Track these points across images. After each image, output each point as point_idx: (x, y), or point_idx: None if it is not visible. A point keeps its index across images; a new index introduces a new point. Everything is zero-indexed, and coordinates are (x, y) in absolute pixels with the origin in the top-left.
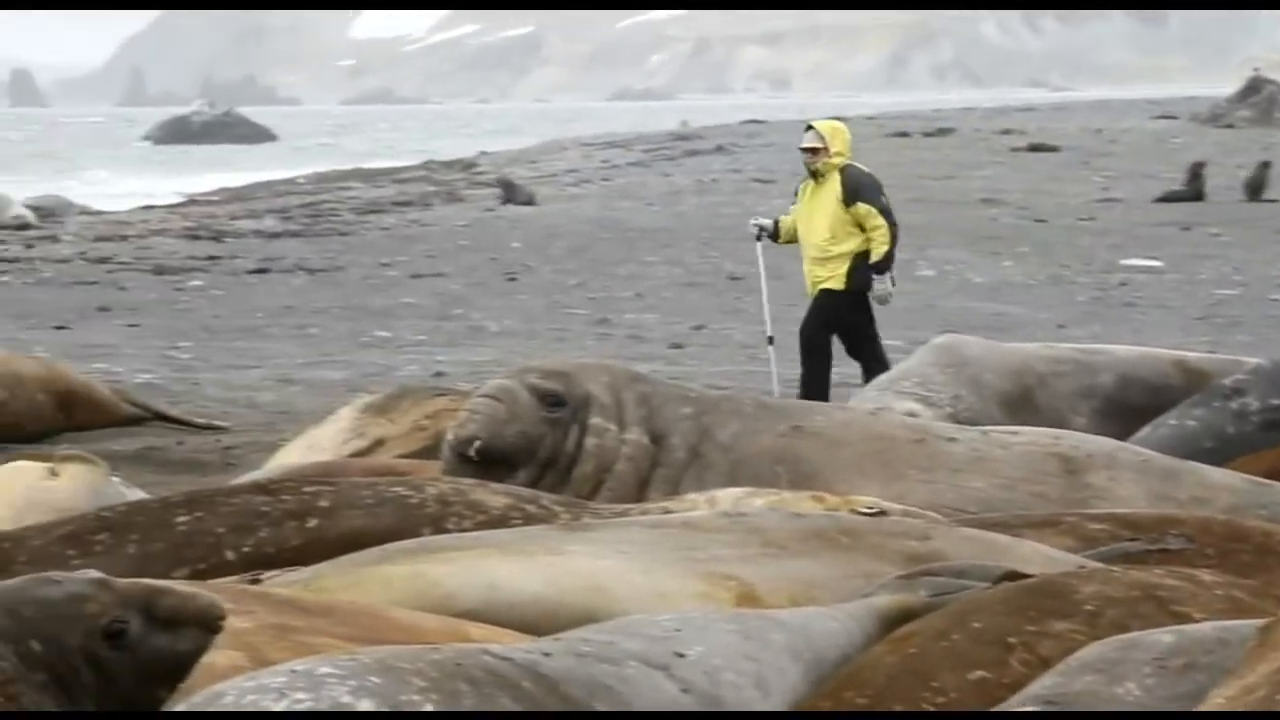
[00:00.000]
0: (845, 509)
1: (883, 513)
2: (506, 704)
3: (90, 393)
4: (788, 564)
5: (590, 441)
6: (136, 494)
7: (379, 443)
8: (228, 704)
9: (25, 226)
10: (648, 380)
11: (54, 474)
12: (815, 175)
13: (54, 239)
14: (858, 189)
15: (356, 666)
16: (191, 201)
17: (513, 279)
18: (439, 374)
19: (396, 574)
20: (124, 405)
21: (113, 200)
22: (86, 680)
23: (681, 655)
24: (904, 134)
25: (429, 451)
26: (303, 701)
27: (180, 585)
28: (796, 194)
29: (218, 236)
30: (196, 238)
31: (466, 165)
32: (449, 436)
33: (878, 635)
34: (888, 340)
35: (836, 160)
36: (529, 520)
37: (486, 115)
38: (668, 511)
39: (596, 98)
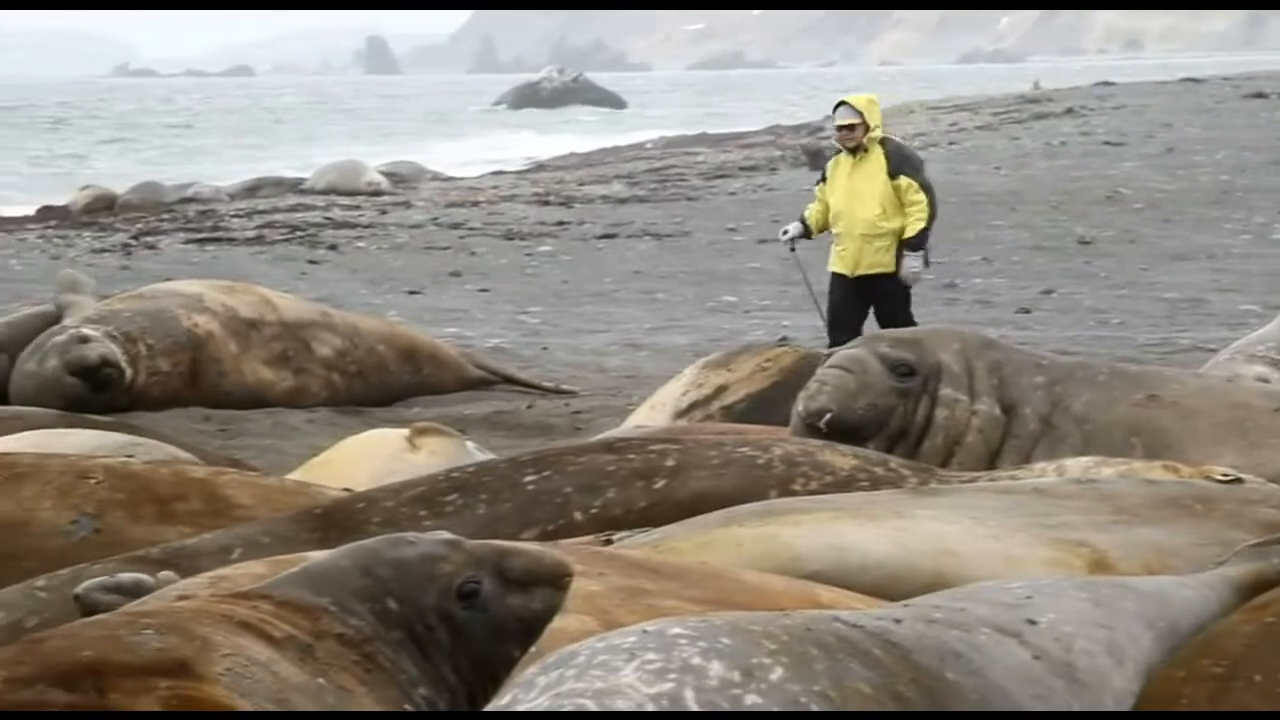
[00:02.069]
0: (1199, 478)
1: (1238, 480)
2: (856, 670)
3: (434, 350)
4: (1140, 531)
5: (940, 413)
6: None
7: (720, 390)
8: (580, 663)
9: (379, 193)
10: (999, 347)
11: (413, 446)
12: (854, 151)
13: (407, 205)
14: (902, 162)
15: (707, 628)
16: (540, 167)
17: None
18: (784, 339)
19: (746, 535)
20: (471, 367)
21: (464, 166)
22: (441, 639)
23: (1033, 622)
24: (1261, 95)
25: (774, 389)
26: (653, 662)
27: (530, 545)
28: (823, 178)
29: (567, 202)
30: (546, 203)
31: (814, 130)
32: (798, 408)
33: (1233, 604)
34: (1245, 305)
35: (876, 133)
36: (875, 483)
37: (833, 79)
38: (1016, 479)
39: (945, 61)
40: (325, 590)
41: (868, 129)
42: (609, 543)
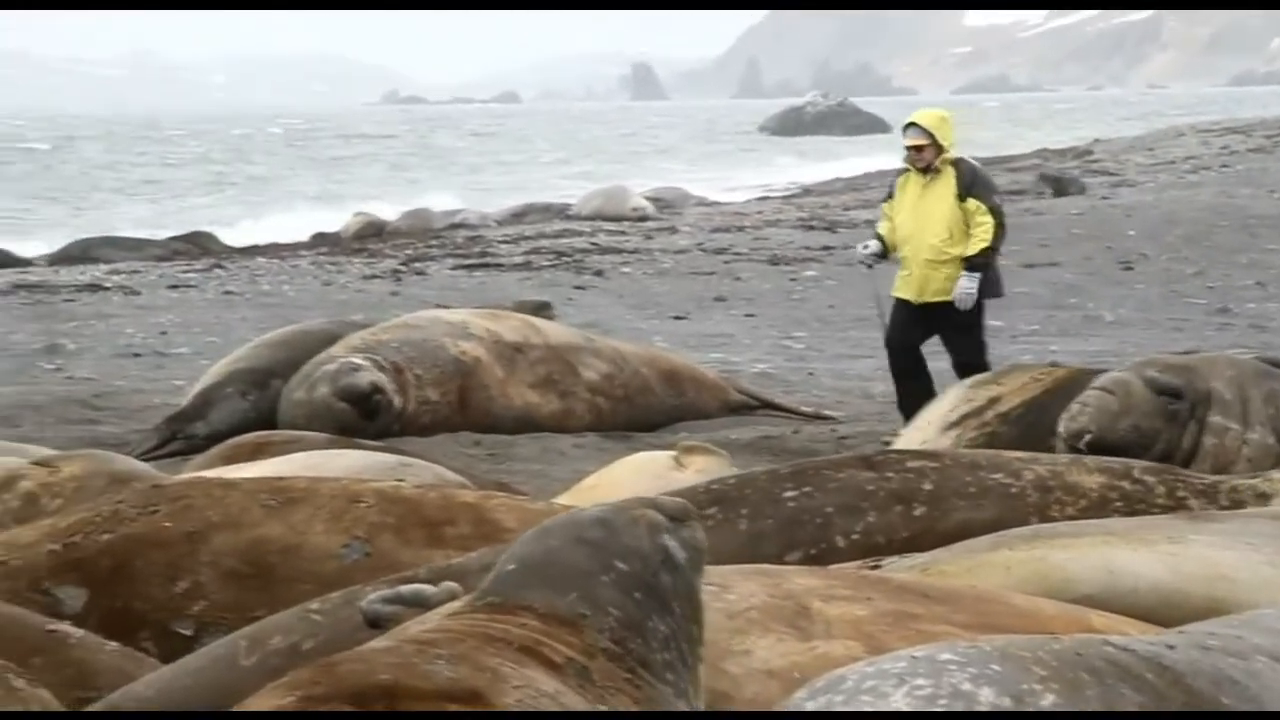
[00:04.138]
0: None
1: None
2: (1129, 695)
3: (694, 373)
4: None
5: (1208, 440)
6: None
7: (993, 400)
8: (848, 689)
9: (644, 218)
10: (1278, 377)
11: (680, 464)
12: (925, 172)
13: (672, 230)
14: (973, 183)
15: (977, 654)
16: (805, 192)
17: (1128, 268)
18: (1053, 364)
19: (1015, 559)
20: (732, 390)
21: (729, 191)
22: (667, 583)
23: None
24: None
25: (1048, 395)
26: (923, 688)
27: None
28: (890, 195)
29: (832, 226)
30: (811, 228)
31: (1080, 153)
32: (1060, 429)
33: None
34: None
35: (950, 154)
36: (1126, 499)
37: (1101, 102)
38: (1263, 494)
39: (1216, 83)
40: (564, 584)
41: (939, 149)
42: (876, 567)
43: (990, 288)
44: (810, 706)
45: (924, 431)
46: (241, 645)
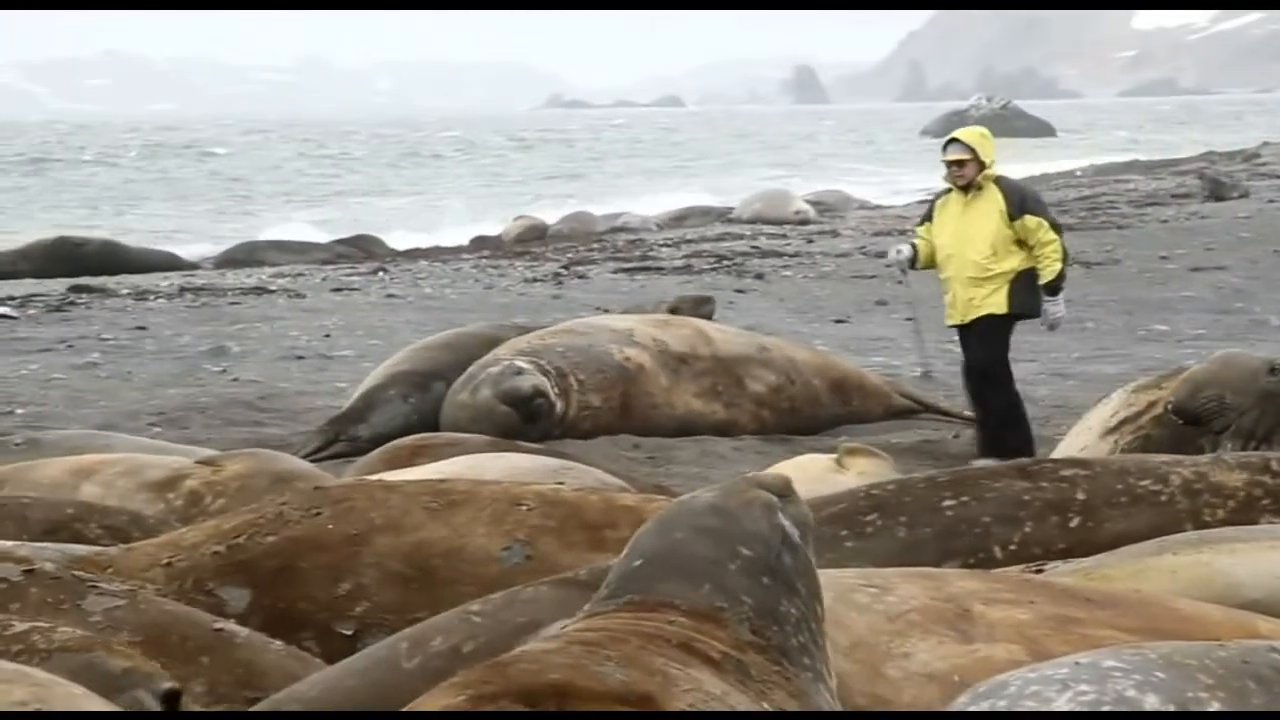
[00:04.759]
0: None
1: None
2: None
3: (862, 381)
4: None
5: None
6: None
7: (1152, 405)
8: (1011, 694)
9: (805, 222)
10: None
11: (841, 466)
12: (966, 190)
13: (834, 234)
14: (1024, 200)
15: (1142, 661)
16: None
17: None
18: None
19: (1181, 563)
20: (896, 396)
21: (891, 195)
22: (789, 563)
23: None
24: None
25: None
26: (1086, 694)
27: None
28: (930, 214)
29: None
30: None
31: (1249, 156)
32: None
33: None
34: None
35: (992, 171)
36: (1272, 495)
37: (1270, 106)
38: None
39: None
40: (697, 576)
41: (981, 166)
42: (1039, 571)
43: (1033, 305)
44: (973, 710)
45: (1084, 436)
46: (403, 647)
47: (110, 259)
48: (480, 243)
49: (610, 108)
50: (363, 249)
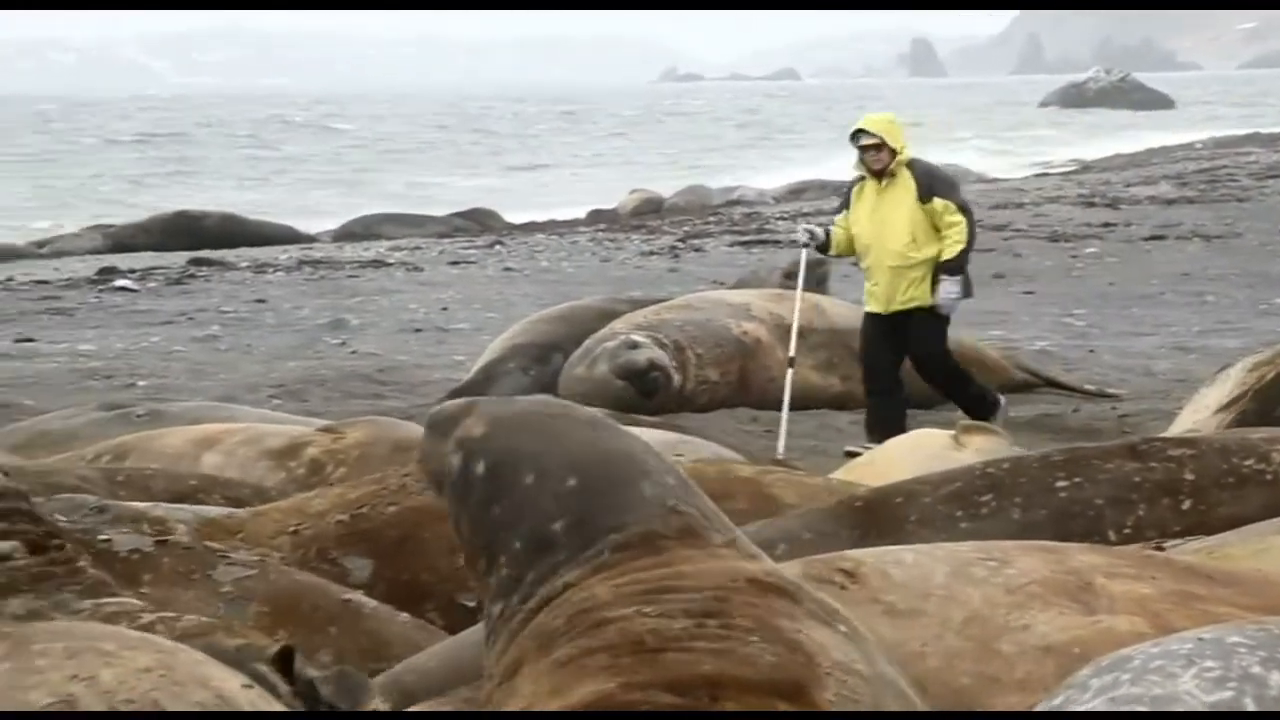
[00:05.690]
0: None
1: None
2: None
3: (980, 355)
4: None
5: None
6: None
7: (1260, 379)
8: (1134, 667)
9: None
10: None
11: (958, 443)
12: (879, 175)
13: None
14: (932, 183)
15: (1267, 638)
16: (1086, 168)
17: None
18: None
19: None
20: (1015, 370)
21: (1008, 168)
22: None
23: None
24: None
25: None
26: (1211, 670)
27: None
28: (847, 202)
29: (1113, 203)
30: (1091, 204)
31: None
32: None
33: None
34: None
35: (903, 156)
36: None
37: None
38: None
39: None
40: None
41: (893, 153)
42: (1160, 549)
43: (965, 288)
44: (1095, 684)
45: (1199, 414)
46: None
47: (229, 232)
48: (596, 216)
49: (726, 81)
50: (479, 222)
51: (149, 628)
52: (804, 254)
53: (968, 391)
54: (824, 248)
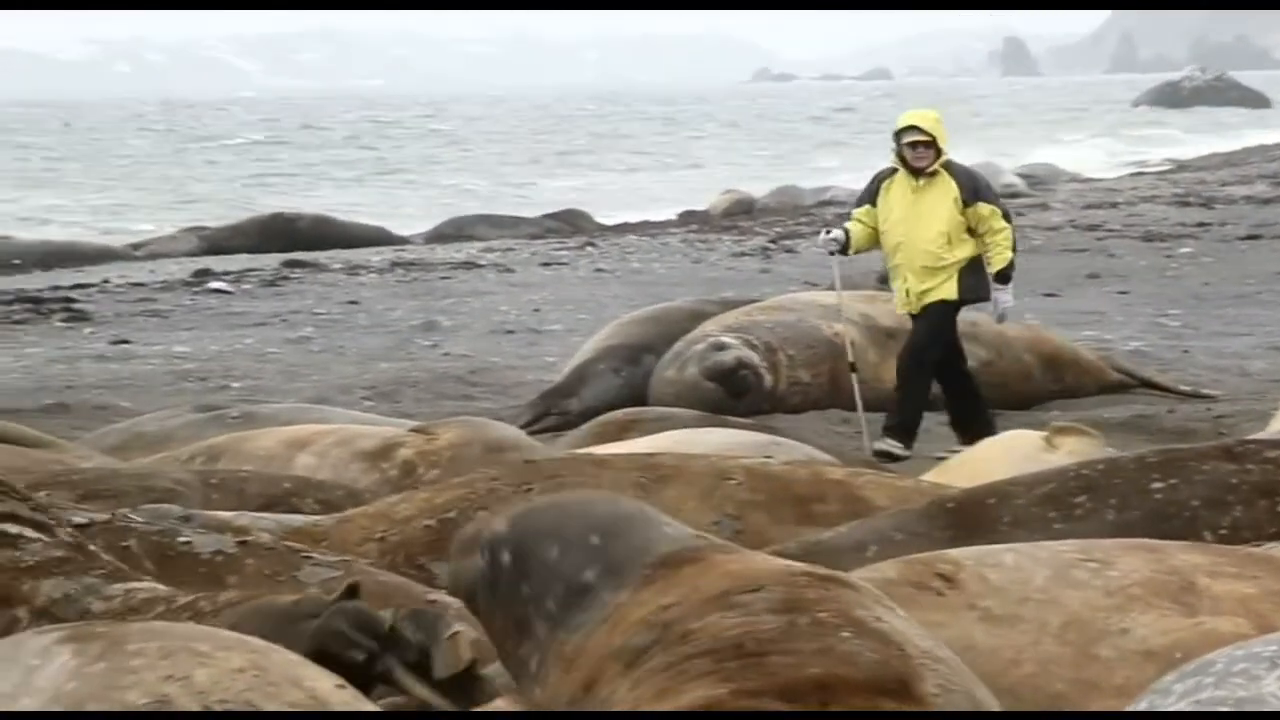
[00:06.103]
0: None
1: None
2: None
3: (1075, 356)
4: None
5: None
6: None
7: None
8: (1219, 671)
9: (1015, 195)
10: None
11: (1051, 445)
12: (917, 173)
13: (1044, 206)
14: (977, 187)
15: None
16: (1181, 167)
17: None
18: None
19: None
20: (1110, 371)
21: (1102, 167)
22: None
23: None
24: None
25: None
26: None
27: None
28: (873, 197)
29: (1208, 203)
30: (1186, 204)
31: None
32: None
33: None
34: None
35: (945, 156)
36: None
37: None
38: None
39: None
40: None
41: (939, 152)
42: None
43: (982, 291)
44: (1178, 689)
45: None
46: None
47: (323, 234)
48: (688, 217)
49: (818, 80)
50: (571, 223)
51: (192, 606)
52: (835, 263)
53: (913, 404)
54: (844, 248)
